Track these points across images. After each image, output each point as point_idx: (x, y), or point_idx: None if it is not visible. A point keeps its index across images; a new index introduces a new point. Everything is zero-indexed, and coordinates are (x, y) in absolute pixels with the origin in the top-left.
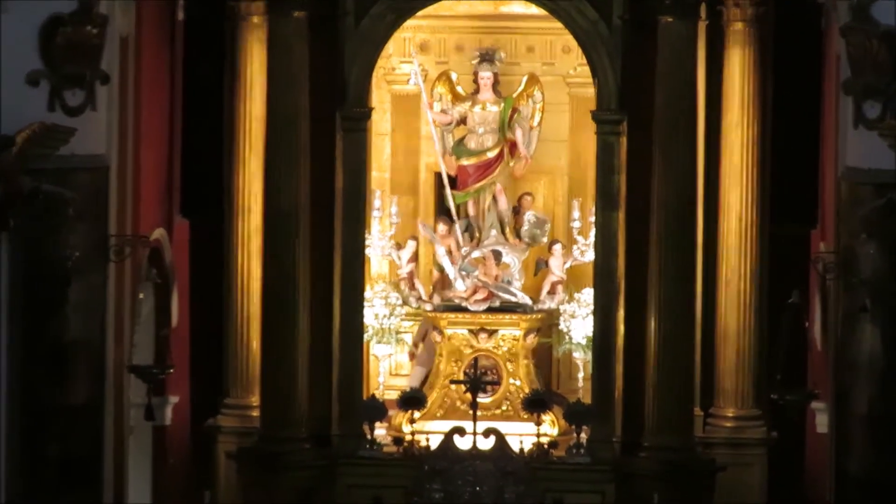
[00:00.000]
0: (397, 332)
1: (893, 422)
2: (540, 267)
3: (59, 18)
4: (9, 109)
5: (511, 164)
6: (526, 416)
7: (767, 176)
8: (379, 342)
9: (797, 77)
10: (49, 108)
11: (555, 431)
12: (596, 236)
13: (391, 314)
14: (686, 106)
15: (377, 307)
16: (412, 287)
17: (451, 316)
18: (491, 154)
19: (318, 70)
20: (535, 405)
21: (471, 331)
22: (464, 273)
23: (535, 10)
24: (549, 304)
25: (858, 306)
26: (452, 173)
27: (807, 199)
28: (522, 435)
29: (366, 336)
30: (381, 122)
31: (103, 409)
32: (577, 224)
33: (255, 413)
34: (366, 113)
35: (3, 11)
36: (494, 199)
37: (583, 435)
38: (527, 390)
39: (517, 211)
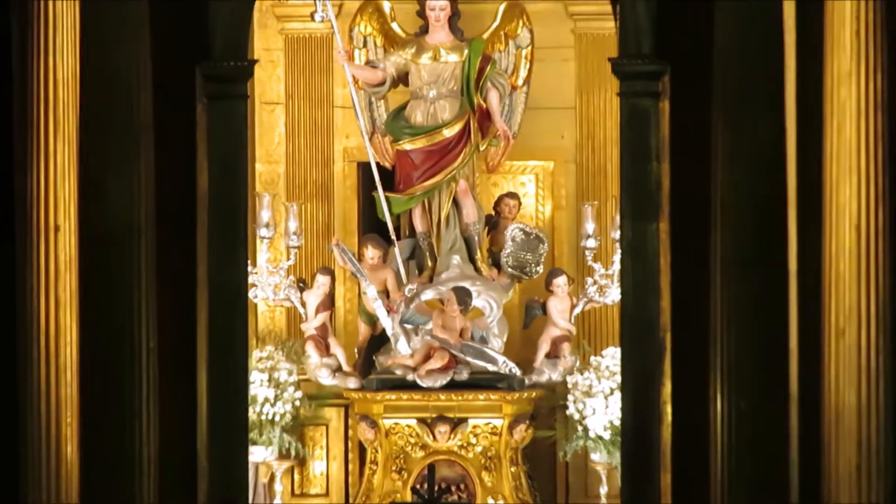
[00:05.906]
0: (284, 429)
1: None
2: (533, 314)
3: None
4: None
5: (482, 147)
6: None
7: None
8: (255, 443)
9: None
10: None
11: None
12: (623, 263)
13: (277, 398)
14: (766, 49)
15: (255, 385)
16: (325, 351)
17: (391, 397)
18: (449, 132)
19: (164, 4)
20: None
21: (423, 421)
22: (409, 327)
23: None
24: (549, 374)
25: None
26: (388, 164)
27: None
28: None
29: None
30: (270, 85)
31: None
32: (591, 243)
33: None
34: (244, 69)
35: None
36: (456, 204)
37: None
38: None
39: (494, 224)
